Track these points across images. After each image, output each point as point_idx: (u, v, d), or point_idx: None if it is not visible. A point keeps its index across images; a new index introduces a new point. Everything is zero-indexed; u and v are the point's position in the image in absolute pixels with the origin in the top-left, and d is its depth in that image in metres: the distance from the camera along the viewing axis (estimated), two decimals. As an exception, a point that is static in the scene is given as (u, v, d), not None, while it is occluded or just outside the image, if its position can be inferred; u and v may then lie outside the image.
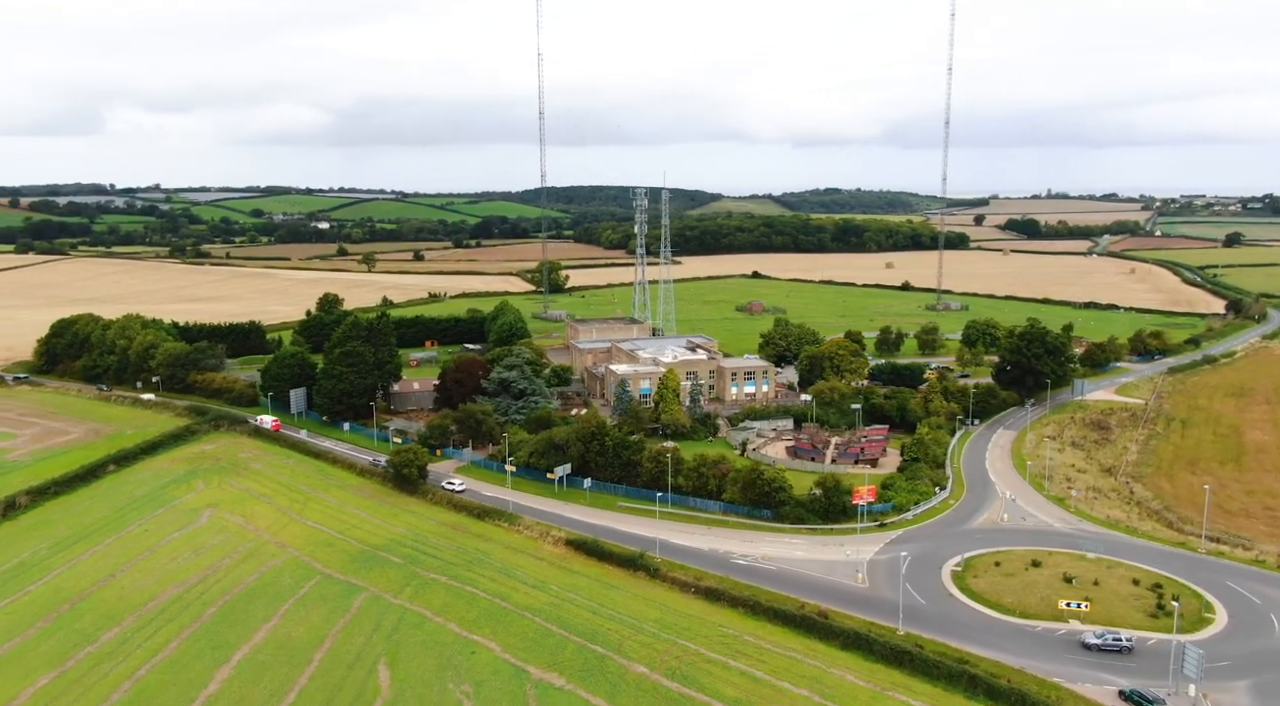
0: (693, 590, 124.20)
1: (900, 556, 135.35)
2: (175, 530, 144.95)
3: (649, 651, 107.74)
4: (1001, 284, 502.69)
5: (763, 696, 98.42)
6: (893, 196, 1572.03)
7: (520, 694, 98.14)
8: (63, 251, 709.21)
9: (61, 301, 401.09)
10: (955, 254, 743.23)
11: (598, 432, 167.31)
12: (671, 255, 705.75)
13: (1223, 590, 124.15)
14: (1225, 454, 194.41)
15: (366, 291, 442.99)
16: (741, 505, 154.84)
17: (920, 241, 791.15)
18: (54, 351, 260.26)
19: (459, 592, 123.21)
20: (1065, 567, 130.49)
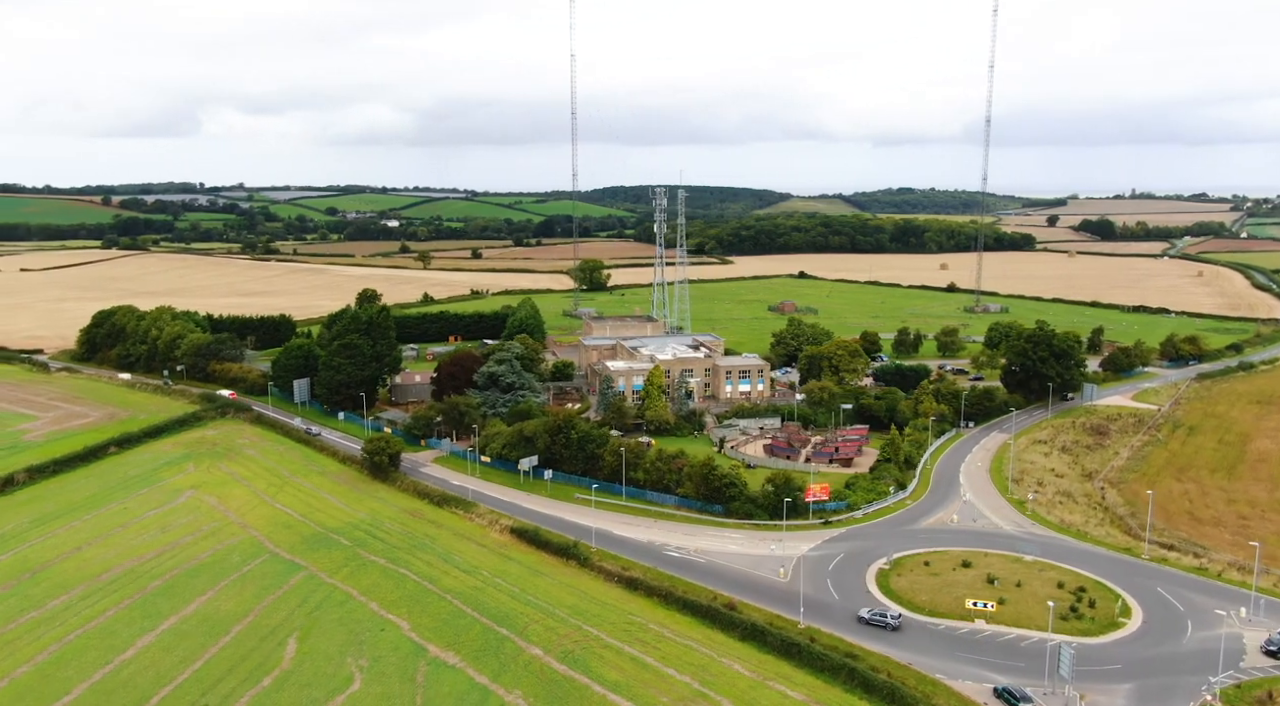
0: (616, 579, 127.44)
1: (833, 553, 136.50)
2: (152, 509, 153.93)
3: (551, 635, 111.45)
4: (1053, 286, 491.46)
5: (643, 681, 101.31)
6: (967, 196, 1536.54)
7: (411, 670, 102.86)
8: (143, 247, 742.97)
9: (126, 294, 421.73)
10: (1018, 255, 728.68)
11: (564, 426, 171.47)
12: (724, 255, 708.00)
13: (1149, 595, 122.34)
14: (1221, 461, 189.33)
15: (411, 287, 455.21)
16: (695, 500, 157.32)
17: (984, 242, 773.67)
18: (94, 341, 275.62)
19: (391, 574, 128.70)
20: (995, 569, 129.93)
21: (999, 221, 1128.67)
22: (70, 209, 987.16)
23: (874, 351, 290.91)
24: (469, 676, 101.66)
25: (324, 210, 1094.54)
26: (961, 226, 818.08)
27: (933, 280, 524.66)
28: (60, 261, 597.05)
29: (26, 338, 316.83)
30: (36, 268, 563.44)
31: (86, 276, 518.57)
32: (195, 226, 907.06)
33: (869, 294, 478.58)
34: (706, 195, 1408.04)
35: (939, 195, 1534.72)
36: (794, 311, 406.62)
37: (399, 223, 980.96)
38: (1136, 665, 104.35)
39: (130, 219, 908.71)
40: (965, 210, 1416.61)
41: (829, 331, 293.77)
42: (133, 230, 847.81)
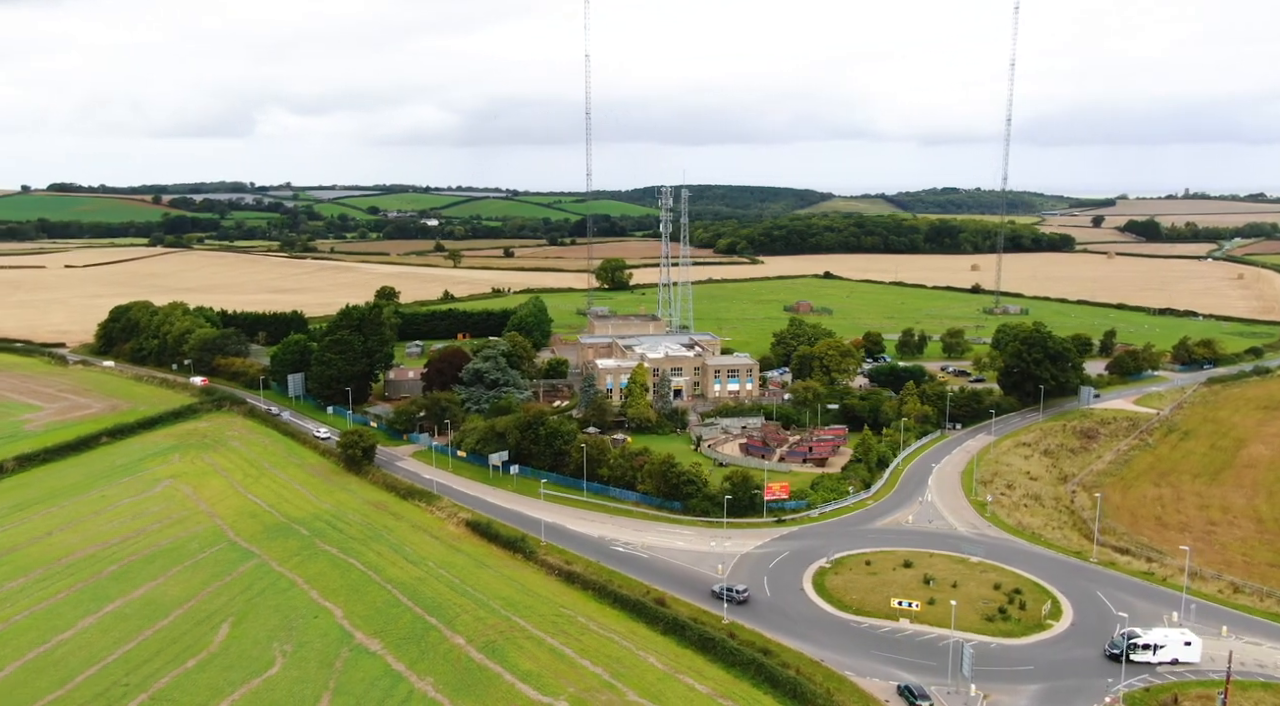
0: (557, 573, 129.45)
1: (778, 552, 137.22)
2: (128, 497, 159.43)
3: (479, 625, 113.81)
4: (1083, 288, 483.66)
5: (555, 671, 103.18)
6: (1015, 196, 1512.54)
7: (332, 656, 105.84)
8: (186, 245, 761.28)
9: (158, 290, 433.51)
10: (1054, 256, 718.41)
11: (534, 422, 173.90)
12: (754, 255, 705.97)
13: (1086, 598, 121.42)
14: (1206, 466, 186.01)
15: (435, 284, 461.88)
16: (656, 497, 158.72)
17: (1020, 243, 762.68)
18: (110, 335, 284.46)
19: (339, 563, 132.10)
20: (936, 569, 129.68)
21: (1042, 222, 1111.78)
22: (122, 207, 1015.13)
23: (876, 352, 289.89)
24: (387, 663, 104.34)
25: (366, 209, 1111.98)
26: (999, 227, 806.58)
27: (960, 281, 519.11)
28: (103, 259, 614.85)
29: (54, 331, 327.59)
30: (79, 264, 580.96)
31: (125, 273, 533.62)
32: (240, 225, 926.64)
33: (891, 294, 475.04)
34: (747, 195, 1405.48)
35: (984, 195, 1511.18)
36: (809, 312, 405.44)
37: (438, 222, 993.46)
38: (1051, 666, 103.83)
39: (178, 217, 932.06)
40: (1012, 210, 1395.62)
41: (830, 331, 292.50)
42: (180, 228, 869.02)
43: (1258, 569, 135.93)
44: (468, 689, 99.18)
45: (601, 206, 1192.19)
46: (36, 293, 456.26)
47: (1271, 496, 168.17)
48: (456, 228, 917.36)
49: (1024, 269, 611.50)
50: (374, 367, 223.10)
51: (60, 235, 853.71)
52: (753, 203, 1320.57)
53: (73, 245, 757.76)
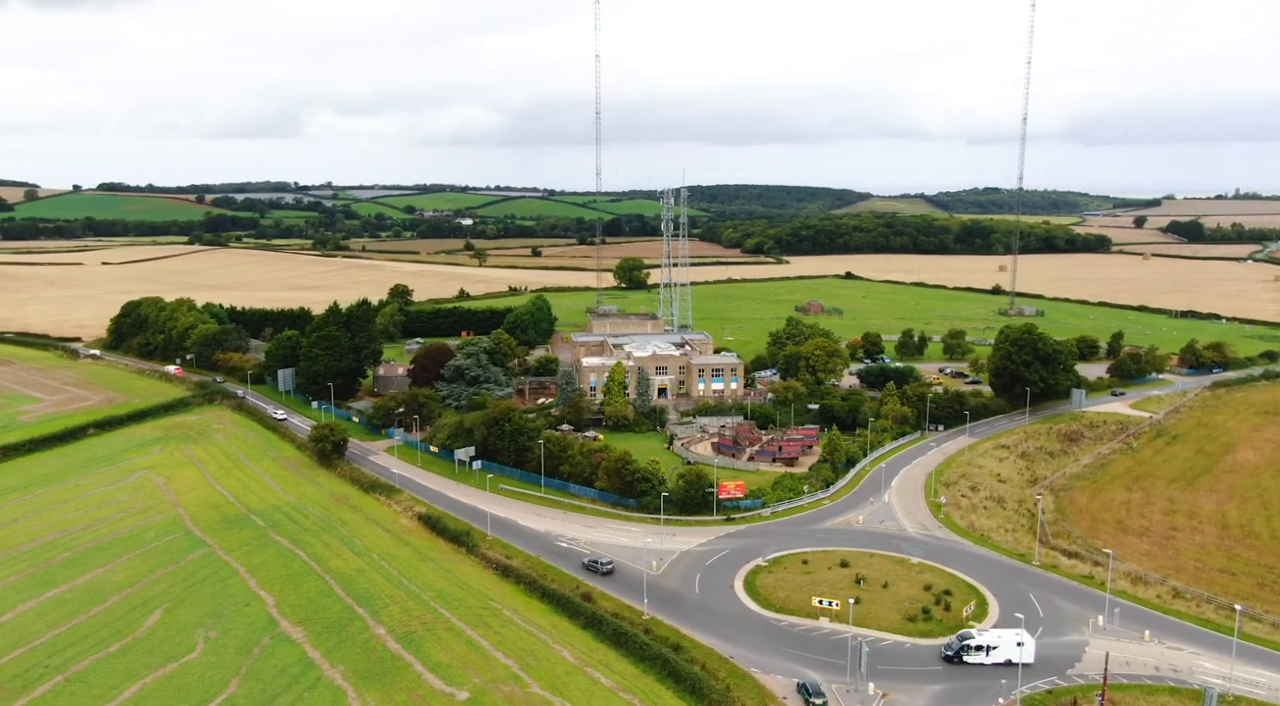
0: (494, 566, 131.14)
1: (719, 549, 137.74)
2: (101, 486, 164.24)
3: (404, 616, 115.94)
4: (1108, 290, 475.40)
5: (466, 662, 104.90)
6: (1058, 196, 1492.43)
7: (253, 643, 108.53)
8: (224, 243, 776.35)
9: (186, 287, 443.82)
10: (1087, 258, 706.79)
11: (500, 419, 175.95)
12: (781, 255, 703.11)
13: (1016, 601, 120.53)
14: (1185, 471, 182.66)
15: (450, 283, 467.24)
16: (612, 493, 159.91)
17: (1054, 244, 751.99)
18: (121, 330, 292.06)
19: (285, 553, 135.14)
20: (873, 569, 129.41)
21: (1082, 222, 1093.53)
22: (166, 206, 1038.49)
23: (875, 352, 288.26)
24: (304, 651, 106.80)
25: (403, 208, 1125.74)
26: (1034, 227, 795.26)
27: (983, 282, 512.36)
28: (139, 256, 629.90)
29: (76, 326, 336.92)
30: (115, 261, 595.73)
31: (156, 270, 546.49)
32: (278, 224, 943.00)
33: (908, 295, 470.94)
34: (783, 195, 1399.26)
35: (1026, 195, 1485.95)
36: (820, 312, 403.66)
37: (472, 221, 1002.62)
38: (960, 667, 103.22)
39: (219, 216, 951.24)
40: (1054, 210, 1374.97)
41: (827, 332, 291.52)
42: (220, 227, 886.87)
43: (1207, 574, 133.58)
44: (375, 677, 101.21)
45: (637, 206, 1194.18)
46: (69, 288, 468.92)
47: (1245, 502, 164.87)
48: (489, 227, 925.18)
49: (1053, 270, 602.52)
50: (361, 363, 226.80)
51: (106, 233, 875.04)
52: (789, 202, 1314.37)
53: (115, 243, 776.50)
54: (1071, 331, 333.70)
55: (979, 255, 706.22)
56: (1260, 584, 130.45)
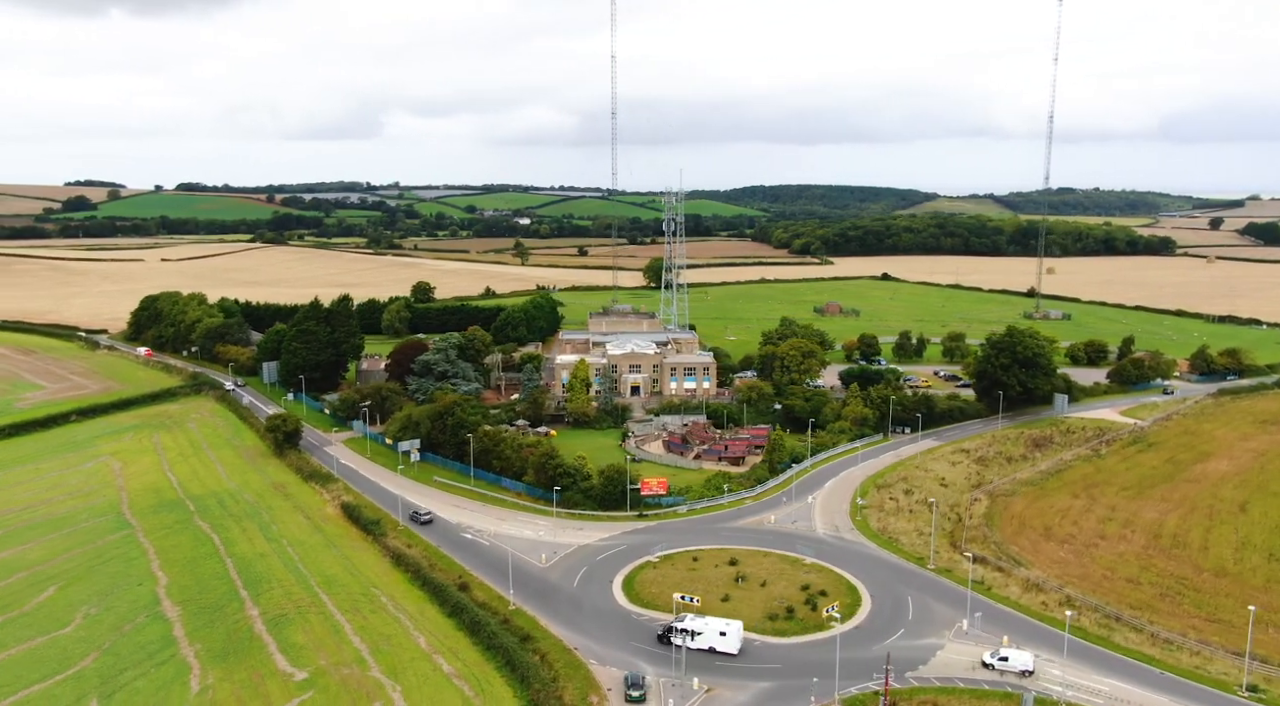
0: (391, 555, 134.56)
1: (616, 545, 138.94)
2: (61, 470, 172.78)
3: (284, 600, 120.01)
4: (1155, 293, 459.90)
5: (320, 645, 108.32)
6: (1135, 197, 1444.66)
7: (128, 620, 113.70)
8: (283, 241, 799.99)
9: (232, 283, 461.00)
10: (1147, 260, 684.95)
11: (443, 413, 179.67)
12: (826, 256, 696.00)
13: (891, 603, 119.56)
14: (1144, 479, 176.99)
15: (480, 280, 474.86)
16: (538, 488, 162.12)
17: (1114, 246, 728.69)
18: (140, 323, 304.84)
19: (201, 537, 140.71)
20: (760, 568, 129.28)
21: (1155, 224, 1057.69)
22: (238, 205, 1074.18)
23: (871, 354, 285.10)
24: (170, 629, 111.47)
25: (464, 208, 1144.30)
26: (1092, 229, 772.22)
27: (1022, 284, 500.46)
28: (199, 253, 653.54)
29: (111, 319, 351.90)
30: (174, 258, 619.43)
31: (209, 266, 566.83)
32: (341, 222, 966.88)
33: (938, 297, 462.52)
34: (846, 195, 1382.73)
35: (1102, 195, 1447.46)
36: (837, 313, 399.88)
37: (530, 220, 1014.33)
38: (800, 666, 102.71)
39: (285, 215, 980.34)
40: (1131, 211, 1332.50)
41: (821, 332, 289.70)
42: (285, 225, 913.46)
43: (1111, 583, 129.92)
44: (227, 656, 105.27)
45: (695, 206, 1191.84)
46: (121, 283, 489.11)
47: (1191, 512, 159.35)
48: (543, 226, 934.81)
49: (1104, 272, 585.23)
50: (340, 357, 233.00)
51: (179, 231, 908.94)
52: (852, 203, 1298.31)
53: (182, 241, 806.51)
54: (1090, 334, 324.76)
55: (1031, 257, 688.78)
56: (1162, 594, 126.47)
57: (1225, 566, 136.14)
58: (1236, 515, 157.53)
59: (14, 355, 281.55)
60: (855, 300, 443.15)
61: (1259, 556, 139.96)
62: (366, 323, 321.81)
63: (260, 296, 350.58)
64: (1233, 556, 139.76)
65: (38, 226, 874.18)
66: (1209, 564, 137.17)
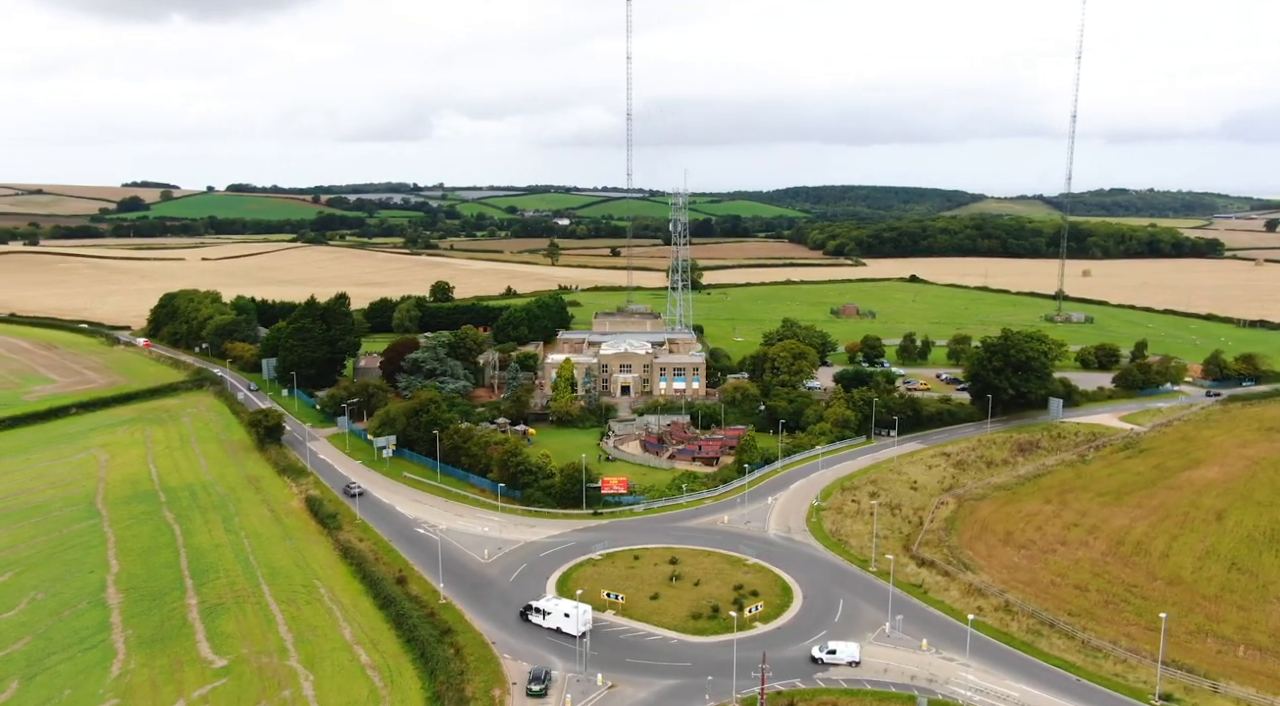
0: (340, 548, 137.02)
1: (563, 543, 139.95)
2: (50, 460, 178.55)
3: (226, 589, 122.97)
4: (1189, 297, 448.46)
5: (247, 634, 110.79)
6: (1191, 198, 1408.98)
7: (69, 606, 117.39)
8: (324, 241, 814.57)
9: (263, 281, 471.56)
10: (1190, 263, 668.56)
11: (418, 410, 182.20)
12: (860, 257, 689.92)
13: (821, 604, 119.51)
14: (1124, 486, 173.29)
15: (505, 279, 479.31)
16: (503, 484, 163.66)
17: (1158, 249, 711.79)
18: (158, 319, 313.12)
19: (163, 528, 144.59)
20: (700, 567, 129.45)
21: (1209, 225, 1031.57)
22: (285, 206, 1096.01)
23: (875, 356, 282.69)
24: (108, 616, 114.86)
25: (505, 208, 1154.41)
26: (1135, 231, 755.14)
27: (1042, 287, 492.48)
28: (238, 252, 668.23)
29: (138, 316, 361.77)
30: (214, 257, 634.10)
31: (245, 266, 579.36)
32: (383, 223, 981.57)
33: (962, 299, 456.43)
34: (891, 196, 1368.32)
35: (1156, 196, 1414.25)
36: (855, 315, 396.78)
37: (569, 221, 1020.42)
38: (709, 665, 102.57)
39: (329, 215, 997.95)
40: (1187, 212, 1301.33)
41: (824, 334, 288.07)
42: (329, 225, 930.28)
43: (1059, 590, 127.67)
44: (153, 643, 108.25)
45: (736, 207, 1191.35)
46: (157, 281, 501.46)
47: (1163, 519, 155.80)
48: (581, 227, 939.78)
49: (1142, 275, 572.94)
50: (336, 355, 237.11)
51: (226, 231, 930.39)
52: (895, 204, 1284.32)
53: (226, 240, 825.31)
54: (1111, 338, 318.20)
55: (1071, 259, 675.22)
56: (1107, 601, 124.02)
57: (1181, 575, 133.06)
58: (1210, 523, 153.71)
59: (36, 350, 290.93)
60: (878, 302, 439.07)
61: (1220, 566, 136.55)
62: (379, 321, 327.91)
63: (288, 295, 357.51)
64: (1192, 565, 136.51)
65: (92, 226, 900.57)
66: (1165, 572, 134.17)
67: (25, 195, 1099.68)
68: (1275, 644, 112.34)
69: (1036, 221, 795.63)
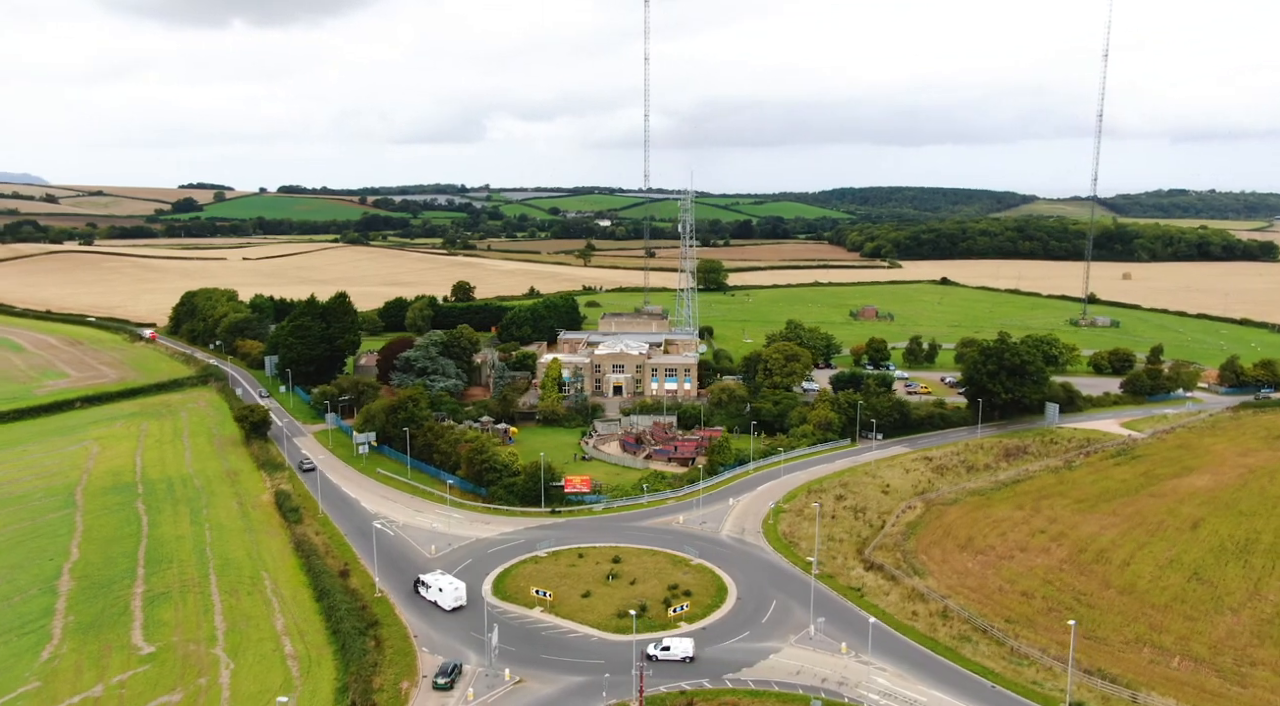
0: (295, 542, 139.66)
1: (515, 540, 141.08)
2: (43, 453, 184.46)
3: (175, 579, 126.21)
4: (1227, 301, 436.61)
5: (181, 623, 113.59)
6: (1255, 199, 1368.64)
7: (21, 590, 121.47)
8: (365, 241, 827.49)
9: (294, 281, 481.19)
10: (1239, 266, 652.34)
11: (396, 408, 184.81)
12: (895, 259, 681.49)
13: (755, 604, 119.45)
14: (1105, 493, 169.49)
15: (531, 280, 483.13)
16: (468, 481, 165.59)
17: (1208, 251, 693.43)
18: (179, 317, 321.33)
19: (132, 518, 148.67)
20: (643, 566, 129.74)
21: (1269, 227, 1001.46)
22: (332, 207, 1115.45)
23: (880, 359, 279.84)
24: (54, 603, 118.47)
25: (548, 210, 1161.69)
26: (1184, 233, 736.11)
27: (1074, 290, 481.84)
28: (278, 252, 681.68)
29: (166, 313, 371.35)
30: (254, 257, 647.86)
31: (282, 266, 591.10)
32: (426, 224, 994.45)
33: (986, 302, 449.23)
34: (938, 197, 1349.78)
35: (1217, 197, 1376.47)
36: (874, 317, 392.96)
37: (610, 222, 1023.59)
38: (623, 663, 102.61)
39: (374, 216, 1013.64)
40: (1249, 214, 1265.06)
41: (829, 336, 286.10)
42: (373, 226, 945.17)
43: (1004, 597, 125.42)
44: (90, 629, 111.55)
45: (779, 209, 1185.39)
46: (197, 281, 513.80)
47: (1135, 527, 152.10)
48: (620, 228, 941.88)
49: (1185, 279, 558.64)
50: (335, 352, 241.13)
51: (273, 231, 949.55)
52: (943, 205, 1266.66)
53: (270, 241, 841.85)
54: (1136, 343, 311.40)
55: (1113, 262, 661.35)
56: (1050, 609, 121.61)
57: (1136, 584, 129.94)
58: (1183, 532, 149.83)
59: (61, 346, 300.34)
60: (903, 304, 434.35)
61: (1180, 575, 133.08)
62: (393, 320, 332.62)
63: (321, 294, 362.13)
64: (1151, 574, 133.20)
65: (146, 227, 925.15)
66: (1120, 581, 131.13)
67: (85, 196, 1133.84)
68: (1213, 656, 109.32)
69: (1082, 223, 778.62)
